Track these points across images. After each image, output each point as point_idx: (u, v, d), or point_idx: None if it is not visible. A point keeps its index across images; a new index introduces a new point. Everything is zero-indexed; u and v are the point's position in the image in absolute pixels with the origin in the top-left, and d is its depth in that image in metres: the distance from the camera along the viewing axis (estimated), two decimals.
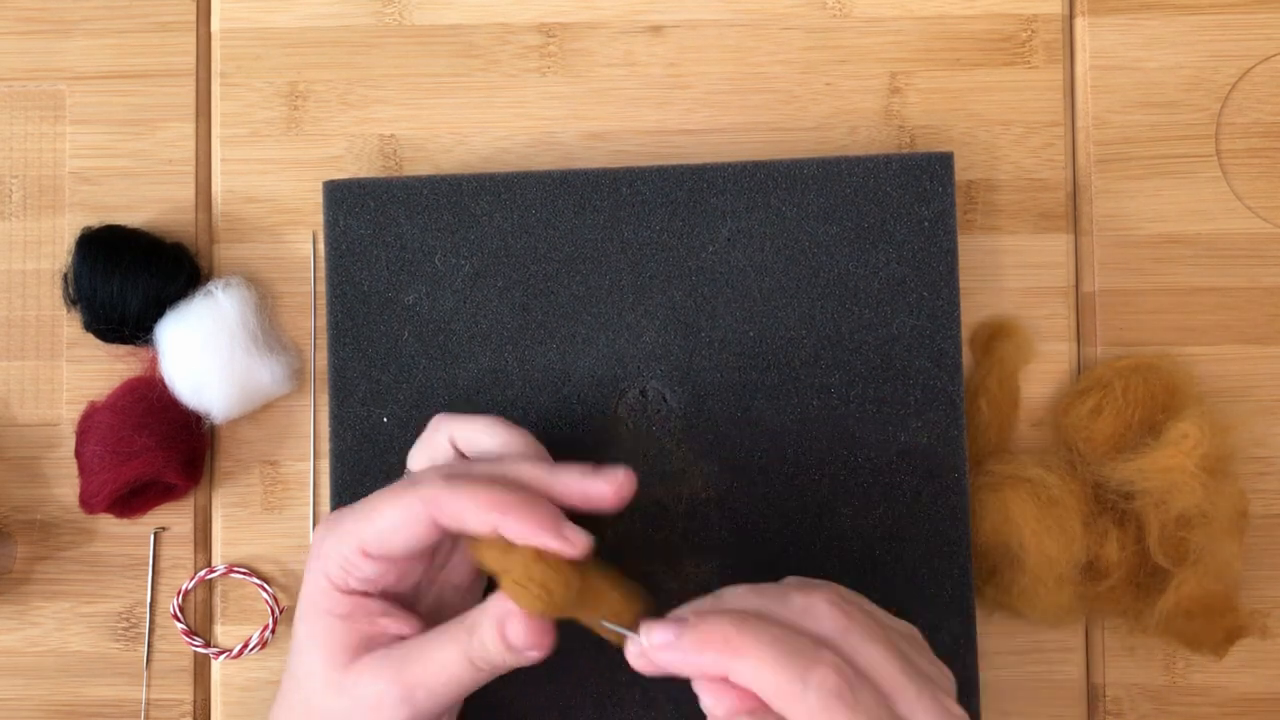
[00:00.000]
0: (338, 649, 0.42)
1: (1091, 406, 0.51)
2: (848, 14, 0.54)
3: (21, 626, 0.54)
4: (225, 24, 0.55)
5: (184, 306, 0.52)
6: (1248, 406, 0.53)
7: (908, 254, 0.50)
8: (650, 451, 0.50)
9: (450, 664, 0.41)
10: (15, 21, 0.55)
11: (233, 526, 0.54)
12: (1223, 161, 0.53)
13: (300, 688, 0.43)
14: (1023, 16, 0.54)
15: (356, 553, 0.42)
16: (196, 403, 0.51)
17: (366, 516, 0.42)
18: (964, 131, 0.54)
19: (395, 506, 0.41)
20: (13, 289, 0.55)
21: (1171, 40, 0.54)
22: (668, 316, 0.50)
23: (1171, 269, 0.53)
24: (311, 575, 0.43)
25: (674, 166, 0.50)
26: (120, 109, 0.55)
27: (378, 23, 0.55)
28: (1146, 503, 0.49)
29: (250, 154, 0.55)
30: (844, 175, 0.50)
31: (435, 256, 0.50)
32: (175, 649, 0.53)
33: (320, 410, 0.54)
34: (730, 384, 0.50)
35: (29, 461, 0.54)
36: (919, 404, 0.49)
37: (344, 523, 0.43)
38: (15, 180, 0.55)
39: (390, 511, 0.41)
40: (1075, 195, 0.54)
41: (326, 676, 0.42)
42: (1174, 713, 0.52)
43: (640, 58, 0.55)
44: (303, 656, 0.43)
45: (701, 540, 0.49)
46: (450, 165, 0.54)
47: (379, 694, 0.41)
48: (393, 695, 0.41)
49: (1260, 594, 0.52)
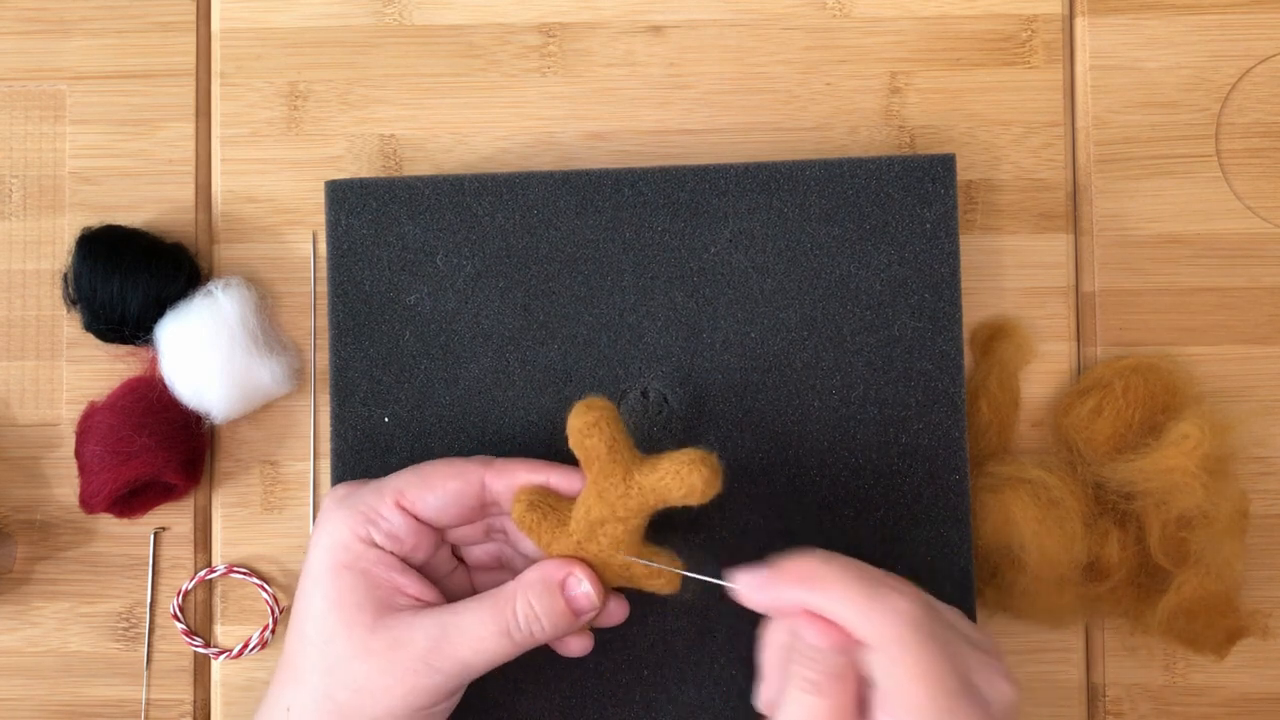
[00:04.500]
0: (357, 607, 0.42)
1: (1091, 407, 0.51)
2: (848, 14, 0.54)
3: (21, 626, 0.54)
4: (225, 24, 0.55)
5: (184, 306, 0.52)
6: (1248, 406, 0.53)
7: (909, 256, 0.50)
8: (651, 452, 0.50)
9: (487, 636, 0.42)
10: (15, 21, 0.55)
11: (233, 526, 0.54)
12: (1223, 161, 0.53)
13: (316, 651, 0.42)
14: (1023, 16, 0.54)
15: (390, 503, 0.43)
16: (196, 403, 0.51)
17: (410, 474, 0.45)
18: (964, 131, 0.54)
19: (444, 462, 0.45)
20: (13, 289, 0.55)
21: (1171, 40, 0.54)
22: (669, 317, 0.50)
23: (1171, 269, 0.53)
24: (327, 532, 0.44)
25: (676, 167, 0.50)
26: (120, 109, 0.55)
27: (378, 23, 0.55)
28: (1147, 503, 0.49)
29: (250, 154, 0.55)
30: (846, 177, 0.50)
31: (437, 256, 0.50)
32: (175, 649, 0.53)
33: (320, 410, 0.54)
34: (731, 385, 0.50)
35: (29, 461, 0.54)
36: (920, 406, 0.49)
37: (378, 482, 0.45)
38: (15, 180, 0.55)
39: (440, 466, 0.45)
40: (1075, 195, 0.54)
41: (351, 637, 0.42)
42: (1174, 713, 0.52)
43: (640, 58, 0.54)
44: (317, 619, 0.43)
45: (702, 541, 0.49)
46: (450, 165, 0.54)
47: (410, 659, 0.41)
48: (424, 662, 0.41)
49: (1260, 594, 0.52)
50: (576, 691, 0.49)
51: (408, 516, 0.44)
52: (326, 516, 0.44)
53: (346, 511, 0.44)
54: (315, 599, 0.43)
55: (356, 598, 0.42)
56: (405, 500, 0.44)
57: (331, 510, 0.45)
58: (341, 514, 0.44)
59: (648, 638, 0.49)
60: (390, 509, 0.44)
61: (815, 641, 0.39)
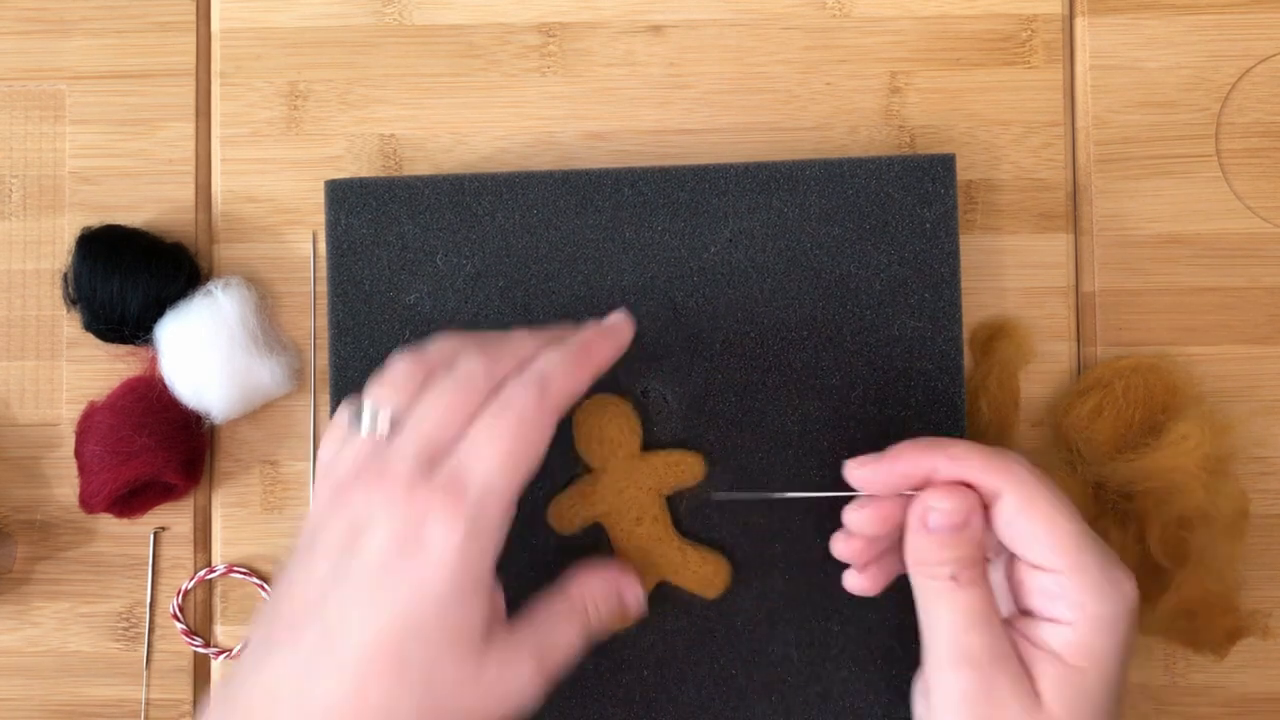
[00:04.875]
0: (474, 633, 0.38)
1: (1091, 406, 0.51)
2: (848, 14, 0.54)
3: (21, 626, 0.54)
4: (225, 24, 0.55)
5: (184, 306, 0.52)
6: (1248, 406, 0.53)
7: (909, 256, 0.50)
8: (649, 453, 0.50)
9: (573, 643, 0.42)
10: (15, 21, 0.55)
11: (233, 526, 0.54)
12: (1223, 161, 0.53)
13: (410, 688, 0.37)
14: (1023, 16, 0.54)
15: (519, 484, 0.39)
16: (196, 403, 0.51)
17: (508, 439, 0.39)
18: (964, 131, 0.54)
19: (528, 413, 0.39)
20: (13, 289, 0.55)
21: (1171, 40, 0.54)
22: (669, 317, 0.50)
23: (1171, 269, 0.53)
24: (473, 534, 0.37)
25: (676, 167, 0.50)
26: (120, 109, 0.55)
27: (378, 23, 0.55)
28: (1147, 503, 0.49)
29: (250, 154, 0.55)
30: (846, 177, 0.50)
31: (437, 256, 0.50)
32: (175, 649, 0.53)
33: (320, 410, 0.54)
34: (731, 385, 0.50)
35: (29, 461, 0.54)
36: (920, 406, 0.49)
37: (493, 460, 0.39)
38: (15, 180, 0.55)
39: (530, 418, 0.39)
40: (1075, 195, 0.54)
41: (459, 669, 0.37)
42: (1174, 713, 0.52)
43: (640, 58, 0.54)
44: (425, 642, 0.37)
45: (703, 541, 0.49)
46: (450, 165, 0.54)
47: (521, 682, 0.39)
48: (533, 683, 0.39)
49: (1260, 594, 0.52)
50: (576, 691, 0.49)
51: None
52: (481, 513, 0.38)
53: (494, 515, 0.38)
54: (430, 617, 0.37)
55: (479, 620, 0.38)
56: (525, 471, 0.39)
57: (486, 508, 0.38)
58: (489, 517, 0.38)
59: (648, 638, 0.49)
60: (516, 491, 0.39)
61: (951, 504, 0.40)
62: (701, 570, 0.48)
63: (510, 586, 0.40)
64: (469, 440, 0.39)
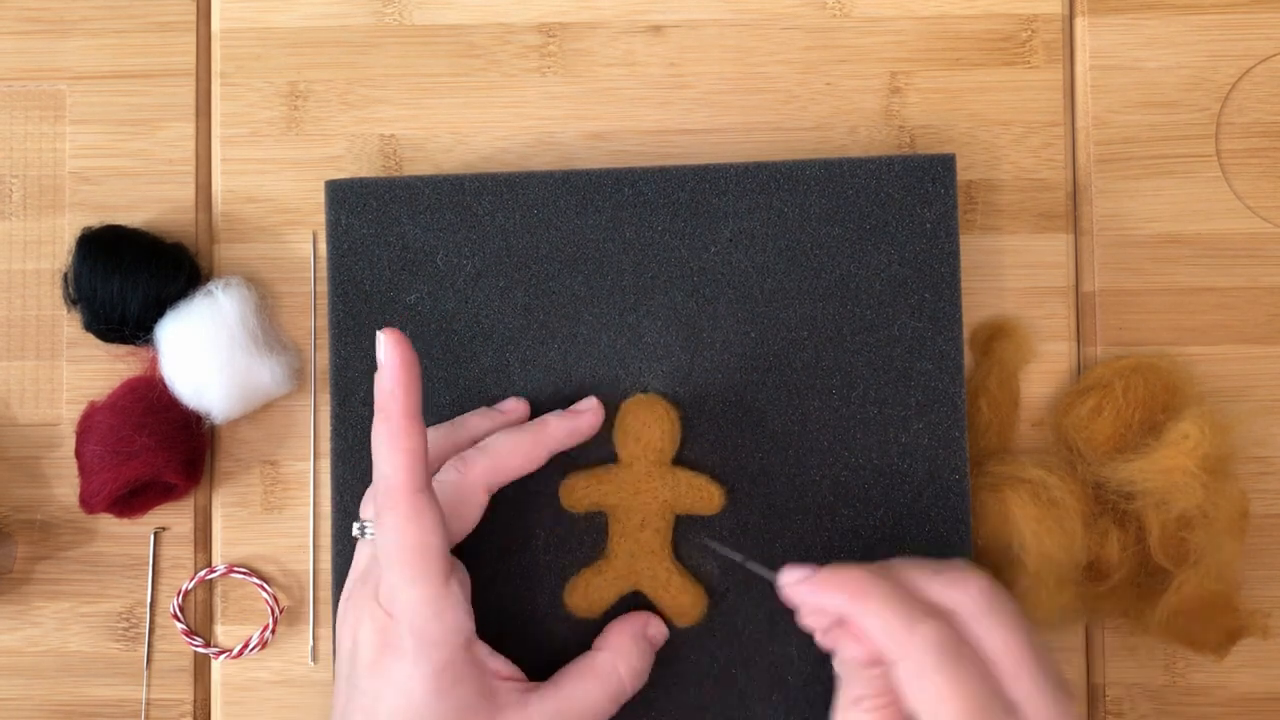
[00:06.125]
0: (472, 710, 0.41)
1: (1091, 406, 0.51)
2: (848, 14, 0.54)
3: (21, 626, 0.54)
4: (225, 24, 0.55)
5: (184, 306, 0.52)
6: (1248, 406, 0.53)
7: (909, 256, 0.50)
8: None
9: (599, 702, 0.44)
10: (15, 21, 0.55)
11: (233, 526, 0.54)
12: (1223, 161, 0.54)
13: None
14: (1023, 16, 0.54)
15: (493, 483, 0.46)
16: (196, 403, 0.51)
17: (496, 454, 0.46)
18: (964, 131, 0.54)
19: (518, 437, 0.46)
20: (13, 289, 0.55)
21: (1171, 40, 0.54)
22: (669, 317, 0.50)
23: (1171, 269, 0.53)
24: (434, 619, 0.41)
25: (676, 167, 0.50)
26: (120, 109, 0.55)
27: (378, 23, 0.55)
28: (1147, 503, 0.49)
29: (250, 154, 0.55)
30: (846, 176, 0.50)
31: (437, 256, 0.50)
32: (175, 649, 0.53)
33: (320, 410, 0.54)
34: (731, 385, 0.50)
35: (29, 461, 0.54)
36: (920, 406, 0.49)
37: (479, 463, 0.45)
38: (15, 180, 0.55)
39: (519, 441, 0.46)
40: (1075, 195, 0.54)
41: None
42: (1174, 713, 0.52)
43: (640, 58, 0.55)
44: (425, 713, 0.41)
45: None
46: (450, 165, 0.54)
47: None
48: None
49: (1260, 594, 0.52)
50: None
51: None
52: (432, 594, 0.41)
53: (454, 594, 0.41)
54: (416, 701, 0.40)
55: (469, 699, 0.41)
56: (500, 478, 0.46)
57: (436, 584, 0.41)
58: (450, 598, 0.41)
59: None
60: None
61: (849, 654, 0.40)
62: (680, 598, 0.48)
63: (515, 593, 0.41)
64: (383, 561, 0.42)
